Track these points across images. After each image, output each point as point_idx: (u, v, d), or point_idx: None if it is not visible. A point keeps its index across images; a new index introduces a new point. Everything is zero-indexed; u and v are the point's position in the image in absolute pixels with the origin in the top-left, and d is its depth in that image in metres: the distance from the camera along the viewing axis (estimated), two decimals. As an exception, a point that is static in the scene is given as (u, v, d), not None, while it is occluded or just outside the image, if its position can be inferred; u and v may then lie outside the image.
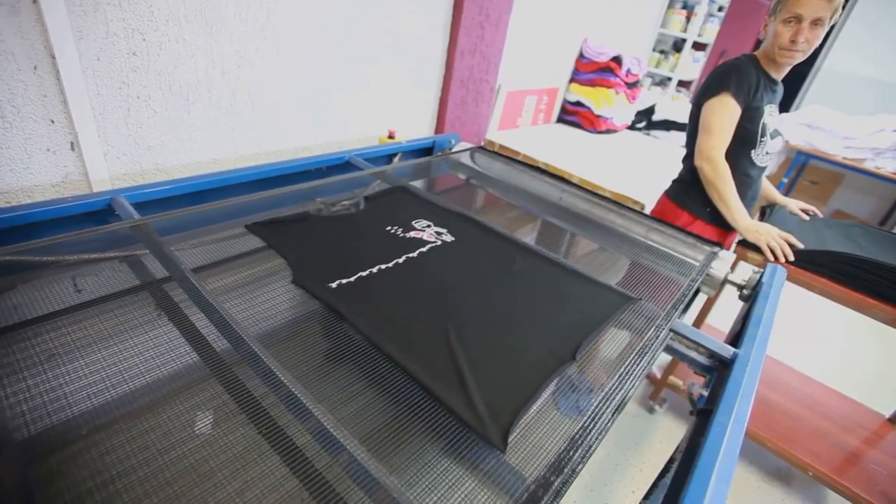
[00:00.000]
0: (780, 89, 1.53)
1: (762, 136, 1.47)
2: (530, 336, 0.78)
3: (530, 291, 0.91)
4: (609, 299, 0.91)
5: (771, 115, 1.49)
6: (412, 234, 1.05)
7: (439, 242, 1.04)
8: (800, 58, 1.38)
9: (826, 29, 1.34)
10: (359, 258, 0.92)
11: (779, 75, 1.48)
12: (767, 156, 1.54)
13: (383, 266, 0.91)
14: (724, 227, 1.57)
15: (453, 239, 1.06)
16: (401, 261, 0.93)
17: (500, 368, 0.70)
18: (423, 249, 0.99)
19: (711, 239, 1.56)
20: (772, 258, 1.39)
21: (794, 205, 1.72)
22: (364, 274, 0.87)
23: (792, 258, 1.38)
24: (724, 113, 1.42)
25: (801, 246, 1.39)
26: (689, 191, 1.58)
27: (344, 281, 0.84)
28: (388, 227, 1.07)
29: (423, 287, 0.87)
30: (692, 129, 1.55)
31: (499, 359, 0.72)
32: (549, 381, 0.69)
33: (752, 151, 1.49)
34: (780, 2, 1.35)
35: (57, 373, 0.64)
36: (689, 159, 1.58)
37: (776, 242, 1.39)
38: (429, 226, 1.10)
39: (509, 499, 0.54)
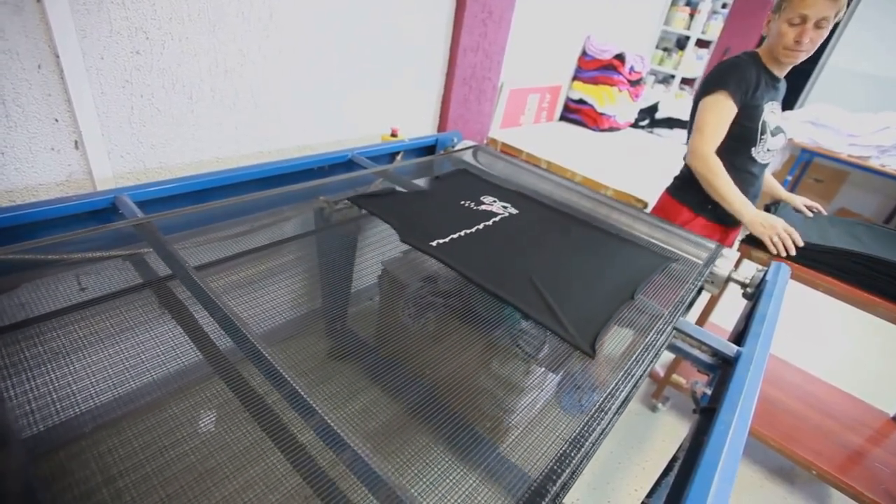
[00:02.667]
0: (783, 86, 1.52)
1: (762, 133, 1.47)
2: (594, 282, 0.98)
3: (588, 250, 1.12)
4: (653, 257, 1.11)
5: (773, 113, 1.49)
6: (483, 206, 1.26)
7: (507, 214, 1.24)
8: (803, 57, 1.38)
9: (830, 27, 1.33)
10: (446, 224, 1.12)
11: (781, 72, 1.48)
12: (769, 153, 1.53)
13: (467, 231, 1.11)
14: (727, 224, 1.57)
15: (517, 211, 1.26)
16: (480, 227, 1.13)
17: (577, 302, 0.90)
18: (496, 219, 1.19)
19: (713, 235, 1.56)
20: (774, 251, 1.38)
21: (799, 201, 1.71)
22: (455, 236, 1.07)
23: (793, 253, 1.37)
24: (719, 112, 1.42)
25: (801, 243, 1.39)
26: (690, 187, 1.57)
27: (440, 241, 1.04)
28: (462, 202, 1.27)
29: (503, 246, 1.07)
30: (692, 126, 1.54)
31: (574, 296, 0.92)
32: (618, 313, 0.87)
33: (753, 149, 1.49)
34: (785, 0, 1.34)
35: (61, 371, 0.65)
36: None
37: (779, 237, 1.38)
38: (494, 201, 1.30)
39: (512, 497, 0.54)
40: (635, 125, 3.07)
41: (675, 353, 0.90)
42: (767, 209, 1.70)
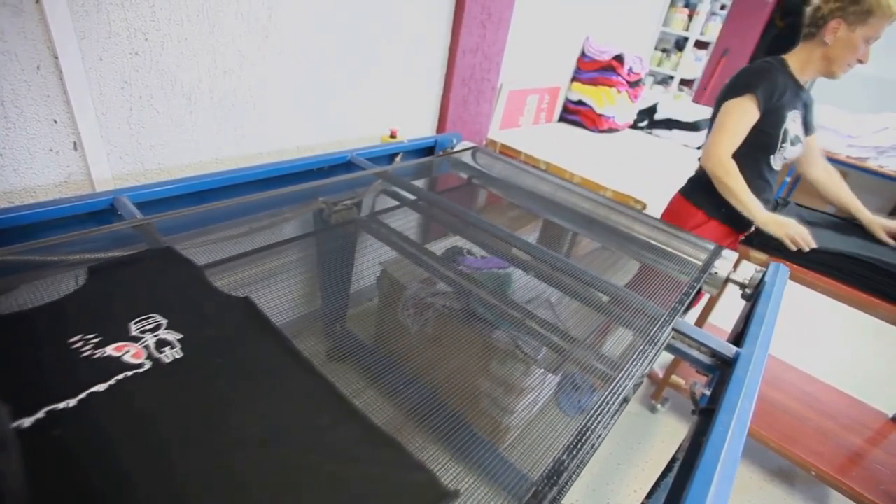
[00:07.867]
0: (808, 96, 1.50)
1: (783, 141, 1.44)
2: None
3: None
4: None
5: (794, 121, 1.46)
6: None
7: None
8: None
9: None
10: None
11: (808, 82, 1.46)
12: (784, 160, 1.52)
13: None
14: (737, 228, 1.56)
15: None
16: None
17: None
18: None
19: (725, 239, 1.55)
20: (794, 248, 1.38)
21: (879, 226, 1.55)
22: None
23: (814, 245, 1.37)
24: (742, 115, 1.39)
25: (813, 244, 1.38)
26: (704, 190, 1.55)
27: None
28: None
29: None
30: (711, 127, 1.53)
31: None
32: None
33: (771, 157, 1.47)
34: (871, 15, 1.28)
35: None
36: None
37: (796, 231, 1.38)
38: None
39: (511, 497, 0.54)
40: (634, 126, 3.08)
41: (674, 353, 0.90)
42: (775, 208, 1.70)
